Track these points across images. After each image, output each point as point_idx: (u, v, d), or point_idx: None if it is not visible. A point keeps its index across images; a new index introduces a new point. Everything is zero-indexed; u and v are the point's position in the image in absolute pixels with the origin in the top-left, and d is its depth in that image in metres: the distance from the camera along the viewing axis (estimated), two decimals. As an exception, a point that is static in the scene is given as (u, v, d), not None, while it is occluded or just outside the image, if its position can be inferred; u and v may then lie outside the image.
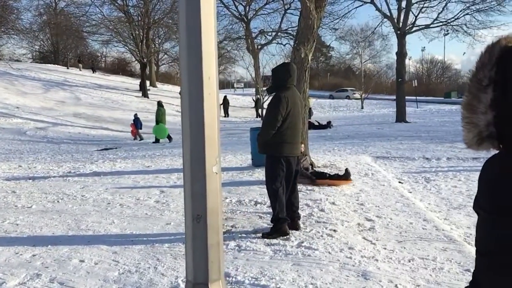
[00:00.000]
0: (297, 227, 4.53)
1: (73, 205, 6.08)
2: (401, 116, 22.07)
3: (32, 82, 29.29)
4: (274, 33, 35.44)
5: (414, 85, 30.10)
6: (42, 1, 42.66)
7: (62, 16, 42.88)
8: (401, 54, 22.79)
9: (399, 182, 7.51)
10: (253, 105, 32.93)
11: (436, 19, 24.55)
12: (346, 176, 6.90)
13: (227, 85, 67.60)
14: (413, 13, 23.87)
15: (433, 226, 4.64)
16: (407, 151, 10.95)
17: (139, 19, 32.47)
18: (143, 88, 32.56)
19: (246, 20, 33.65)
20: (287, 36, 34.60)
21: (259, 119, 27.16)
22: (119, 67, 50.14)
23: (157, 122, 16.32)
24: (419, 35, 46.84)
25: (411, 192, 6.77)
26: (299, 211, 4.74)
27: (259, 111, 27.26)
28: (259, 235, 4.40)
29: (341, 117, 27.34)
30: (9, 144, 15.78)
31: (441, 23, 24.88)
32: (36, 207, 6.04)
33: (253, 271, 3.47)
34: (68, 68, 40.78)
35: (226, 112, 30.54)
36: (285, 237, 4.27)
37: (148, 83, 34.95)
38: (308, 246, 4.01)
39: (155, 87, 38.48)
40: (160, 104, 17.02)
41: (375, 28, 29.55)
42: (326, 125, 19.68)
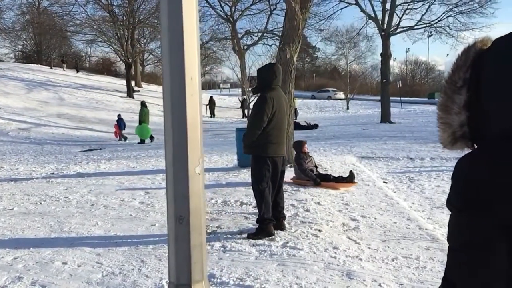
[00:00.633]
0: (282, 228, 4.54)
1: (56, 207, 6.00)
2: (385, 117, 22.29)
3: (14, 82, 28.79)
4: (260, 34, 35.57)
5: (398, 86, 30.38)
6: (25, 0, 42.08)
7: (46, 15, 42.22)
8: (386, 55, 23.04)
9: (384, 182, 7.59)
10: (239, 105, 32.90)
11: (420, 20, 24.96)
12: (350, 178, 6.80)
13: (213, 85, 67.36)
14: (397, 15, 24.22)
15: (416, 225, 4.70)
16: (391, 151, 11.08)
17: (124, 18, 32.14)
18: (128, 88, 32.28)
19: (232, 21, 33.68)
20: (273, 37, 34.78)
21: (245, 119, 27.14)
22: (103, 67, 49.51)
23: (140, 122, 16.22)
24: (403, 36, 47.36)
25: (395, 192, 6.84)
26: (285, 211, 4.75)
27: (245, 111, 27.26)
28: (245, 235, 4.40)
29: (326, 118, 27.50)
30: (-9, 145, 15.49)
31: (424, 25, 25.29)
32: (18, 209, 5.94)
33: (238, 272, 3.47)
34: (51, 68, 40.15)
35: (212, 113, 30.42)
36: (271, 237, 4.28)
37: (133, 83, 34.64)
38: (293, 246, 4.03)
39: (141, 87, 38.16)
40: (143, 104, 16.93)
41: (360, 29, 29.95)
42: (314, 126, 19.76)
